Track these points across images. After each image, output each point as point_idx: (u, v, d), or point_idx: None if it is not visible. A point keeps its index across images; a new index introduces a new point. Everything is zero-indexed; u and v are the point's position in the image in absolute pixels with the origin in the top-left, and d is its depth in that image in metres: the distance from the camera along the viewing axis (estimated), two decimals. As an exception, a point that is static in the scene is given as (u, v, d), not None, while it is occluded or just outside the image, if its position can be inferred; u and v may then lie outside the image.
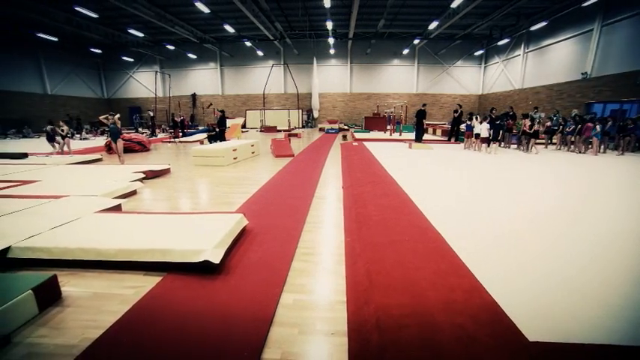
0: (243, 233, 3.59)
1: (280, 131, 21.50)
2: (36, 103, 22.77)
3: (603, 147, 11.04)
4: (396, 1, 16.92)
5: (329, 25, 18.75)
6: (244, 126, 23.81)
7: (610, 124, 10.76)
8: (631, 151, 10.92)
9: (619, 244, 3.26)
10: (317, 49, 25.49)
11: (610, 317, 2.07)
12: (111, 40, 22.99)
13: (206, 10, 15.52)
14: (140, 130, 21.70)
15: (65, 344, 1.95)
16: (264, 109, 25.90)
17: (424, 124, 14.08)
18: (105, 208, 4.09)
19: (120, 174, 6.52)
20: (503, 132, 12.54)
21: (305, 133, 20.45)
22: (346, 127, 22.88)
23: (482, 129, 10.72)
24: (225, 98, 27.98)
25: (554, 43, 17.85)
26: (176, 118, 17.26)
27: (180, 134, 16.98)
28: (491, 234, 3.47)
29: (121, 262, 2.81)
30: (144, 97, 28.48)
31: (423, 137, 14.02)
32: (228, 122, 14.81)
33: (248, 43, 24.32)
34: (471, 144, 11.81)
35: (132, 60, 27.57)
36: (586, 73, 15.43)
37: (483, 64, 25.87)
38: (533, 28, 17.70)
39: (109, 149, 11.02)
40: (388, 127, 19.45)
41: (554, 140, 12.64)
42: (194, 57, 26.80)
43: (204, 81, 27.95)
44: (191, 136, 17.30)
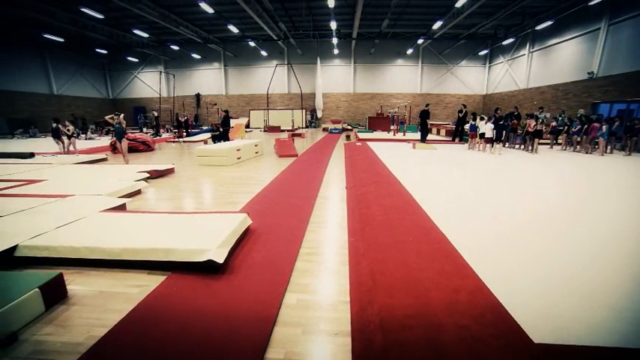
0: (247, 233, 3.60)
1: (284, 131, 21.54)
2: (42, 103, 23.03)
3: (610, 147, 10.93)
4: (400, 0, 16.86)
5: (333, 25, 18.74)
6: (248, 126, 23.90)
7: (617, 124, 10.64)
8: (638, 151, 10.79)
9: (622, 244, 3.22)
10: (321, 49, 25.48)
11: (616, 319, 2.04)
12: (116, 40, 23.15)
13: (210, 10, 15.59)
14: (144, 130, 21.83)
15: (71, 342, 1.96)
16: (268, 109, 25.95)
17: (428, 125, 14.02)
18: (110, 207, 4.12)
19: (124, 173, 6.56)
20: (507, 132, 12.46)
21: (308, 133, 20.45)
22: (350, 127, 22.86)
23: (487, 129, 10.66)
24: (229, 98, 28.07)
25: (560, 43, 17.69)
26: (180, 118, 17.37)
27: (184, 134, 17.06)
28: (494, 233, 3.45)
29: (125, 261, 2.83)
30: (148, 97, 28.65)
31: (427, 137, 13.96)
32: (232, 122, 14.88)
33: (252, 44, 24.37)
34: (475, 144, 11.75)
35: (137, 60, 27.77)
36: (592, 72, 15.27)
37: (488, 63, 25.70)
38: (539, 27, 17.55)
39: (114, 149, 11.10)
40: (392, 127, 19.41)
41: (560, 140, 12.53)
42: (198, 57, 26.91)
43: (208, 81, 28.06)
44: (195, 136, 17.37)
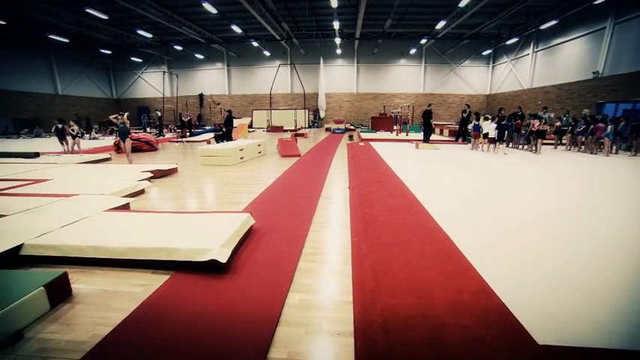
0: (250, 233, 3.60)
1: (287, 131, 21.56)
2: (47, 103, 23.22)
3: (615, 148, 10.83)
4: (403, 0, 16.83)
5: (336, 25, 18.73)
6: (251, 126, 23.92)
7: (622, 124, 10.54)
8: (644, 151, 10.69)
9: (626, 244, 3.20)
10: (324, 49, 25.48)
11: (620, 320, 2.03)
12: (120, 40, 23.30)
13: (213, 10, 15.63)
14: (148, 129, 21.94)
15: (75, 340, 1.98)
16: (271, 109, 25.98)
17: (432, 125, 13.96)
18: (113, 206, 4.14)
19: (128, 173, 6.60)
20: (510, 132, 12.39)
21: (311, 133, 20.46)
22: (353, 127, 22.83)
23: (490, 129, 10.61)
24: (232, 98, 28.15)
25: (565, 42, 17.57)
26: (183, 118, 17.43)
27: (187, 134, 17.13)
28: (497, 233, 3.45)
29: (129, 260, 2.85)
30: (152, 97, 28.80)
31: (430, 137, 13.90)
32: (235, 122, 14.91)
33: (255, 44, 24.42)
34: (478, 144, 11.70)
35: (140, 60, 27.91)
36: (597, 72, 15.15)
37: (491, 63, 25.58)
38: (543, 26, 17.44)
39: (118, 149, 11.17)
40: (395, 128, 19.37)
41: (564, 141, 12.44)
42: (201, 57, 27.01)
43: (211, 81, 28.15)
44: (198, 136, 17.44)
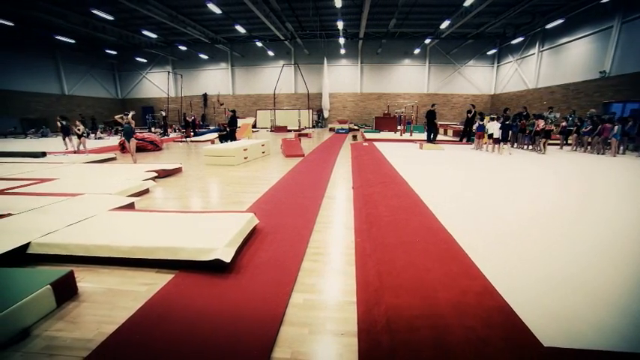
0: (254, 232, 3.61)
1: (290, 131, 21.59)
2: (53, 103, 23.49)
3: (622, 148, 10.70)
4: (407, 0, 16.78)
5: (340, 24, 18.72)
6: (255, 126, 24.00)
7: (630, 124, 10.41)
8: (652, 152, 10.56)
9: (633, 245, 3.16)
10: (327, 49, 25.48)
11: (628, 322, 2.00)
12: (125, 41, 23.49)
13: (218, 10, 15.70)
14: (153, 129, 22.09)
15: (81, 338, 2.00)
16: (275, 109, 26.04)
17: (436, 125, 13.86)
18: (118, 206, 4.17)
19: (133, 173, 6.64)
20: (515, 132, 12.29)
21: (315, 133, 20.47)
22: (356, 127, 22.81)
23: (495, 129, 10.55)
24: (236, 98, 28.25)
25: (571, 41, 17.40)
26: (188, 118, 17.53)
27: (191, 134, 17.21)
28: (501, 233, 3.42)
29: (134, 260, 2.87)
30: (156, 97, 29.00)
31: (436, 138, 13.78)
32: (239, 122, 14.96)
33: (259, 44, 24.49)
34: (481, 144, 11.64)
35: (145, 61, 28.13)
36: (604, 71, 14.99)
37: (496, 63, 25.41)
38: (549, 25, 17.29)
39: (123, 148, 11.25)
40: (399, 128, 19.31)
41: (570, 141, 12.31)
42: (205, 57, 27.13)
43: (215, 81, 28.28)
44: (202, 136, 17.50)
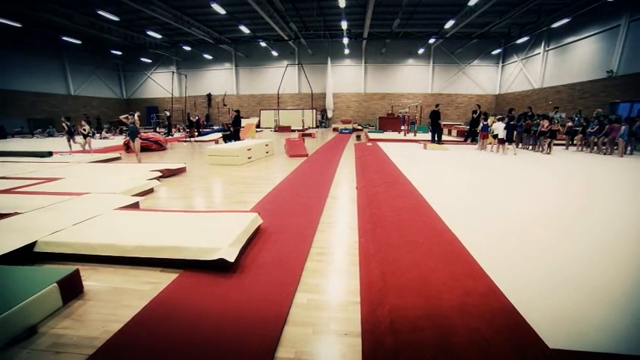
0: (258, 232, 3.62)
1: (294, 131, 21.62)
2: (60, 103, 23.75)
3: (630, 148, 10.57)
4: (411, -1, 16.73)
5: (344, 25, 18.71)
6: (258, 126, 24.06)
7: (638, 124, 10.28)
8: (660, 152, 10.43)
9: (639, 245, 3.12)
10: (331, 49, 25.47)
11: (636, 325, 1.98)
12: (130, 42, 23.67)
13: (222, 11, 15.76)
14: (157, 129, 22.24)
15: (87, 336, 2.01)
16: (279, 109, 26.09)
17: (441, 125, 13.78)
18: (123, 205, 4.20)
19: (137, 172, 6.68)
20: (520, 133, 12.20)
21: (319, 133, 20.47)
22: (360, 128, 22.77)
23: (500, 129, 10.48)
24: (240, 98, 28.33)
25: (577, 41, 17.23)
26: (192, 118, 17.60)
27: (195, 134, 17.29)
28: (505, 234, 3.40)
29: (138, 259, 2.89)
30: (161, 97, 29.18)
31: (441, 138, 13.70)
32: (243, 122, 15.00)
33: (263, 44, 24.54)
34: (485, 145, 11.57)
35: (150, 61, 28.31)
36: (612, 71, 14.82)
37: (501, 63, 25.24)
38: (555, 25, 17.12)
39: (128, 148, 11.33)
40: (402, 128, 19.25)
41: (576, 141, 12.19)
42: (210, 57, 27.25)
43: (219, 81, 28.39)
44: (206, 136, 17.59)
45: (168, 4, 17.51)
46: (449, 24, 18.09)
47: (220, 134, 15.43)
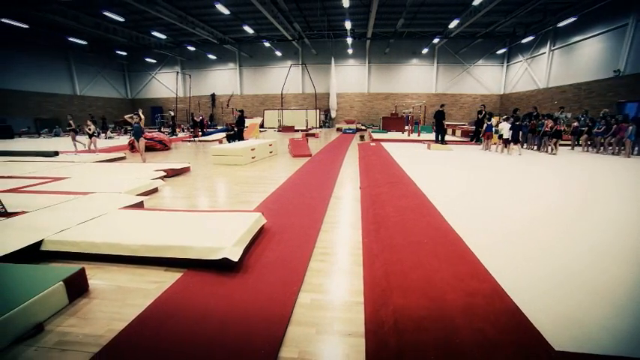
0: (262, 232, 3.63)
1: (298, 131, 21.62)
2: (66, 103, 23.99)
3: (638, 149, 10.44)
4: (415, -1, 16.69)
5: (347, 24, 18.69)
6: (262, 126, 24.12)
7: (645, 124, 10.16)
8: (667, 153, 10.28)
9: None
10: (335, 49, 25.46)
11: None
12: (135, 42, 23.84)
13: (226, 11, 15.83)
14: (162, 129, 22.37)
15: (93, 334, 2.03)
16: (282, 109, 26.12)
17: (444, 125, 13.75)
18: (128, 204, 4.23)
19: (142, 172, 6.73)
20: (525, 133, 12.11)
21: (322, 133, 20.47)
22: (364, 128, 22.75)
23: (505, 129, 10.41)
24: (244, 98, 28.42)
25: (584, 40, 17.06)
26: (196, 118, 17.68)
27: (199, 133, 17.36)
28: (509, 234, 3.38)
29: (143, 258, 2.90)
30: (165, 97, 29.36)
31: (444, 138, 13.66)
32: (247, 122, 15.03)
33: (267, 44, 24.60)
34: (489, 145, 11.50)
35: (154, 61, 28.50)
36: (619, 70, 14.66)
37: (506, 62, 25.07)
38: (561, 24, 16.98)
39: (132, 148, 11.41)
40: (406, 128, 19.19)
41: (581, 142, 12.06)
42: (214, 58, 27.36)
43: (223, 81, 28.51)
44: (210, 136, 17.64)
45: (173, 4, 17.62)
46: (453, 24, 18.01)
47: (224, 134, 15.48)
